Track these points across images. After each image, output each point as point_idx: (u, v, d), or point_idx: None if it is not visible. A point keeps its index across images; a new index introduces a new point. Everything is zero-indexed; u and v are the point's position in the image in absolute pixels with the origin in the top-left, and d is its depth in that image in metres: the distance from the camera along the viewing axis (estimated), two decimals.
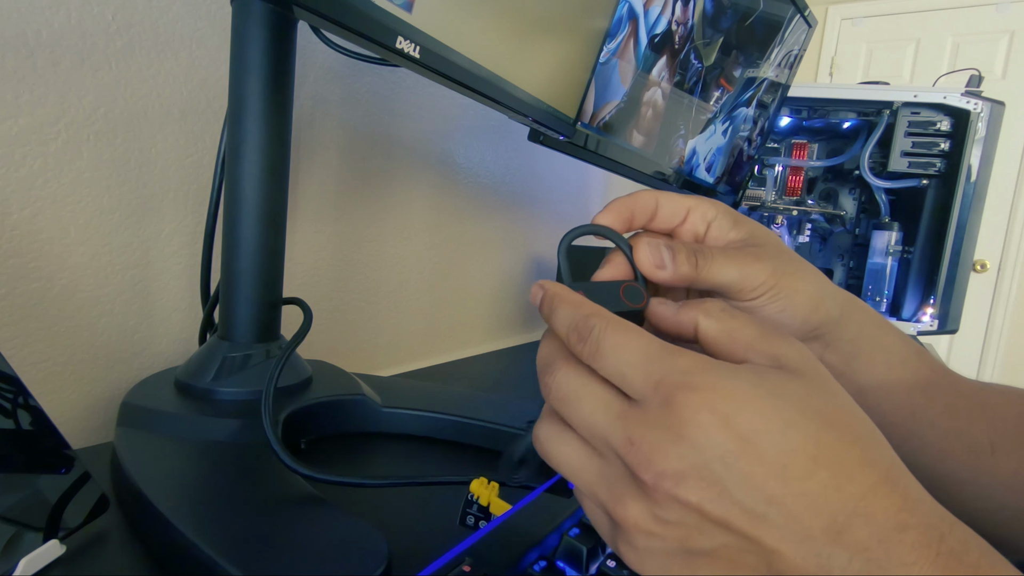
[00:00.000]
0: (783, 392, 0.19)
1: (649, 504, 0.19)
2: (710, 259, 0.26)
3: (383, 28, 0.32)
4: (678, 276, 0.26)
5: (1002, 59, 2.19)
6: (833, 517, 0.17)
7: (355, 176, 0.63)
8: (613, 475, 0.20)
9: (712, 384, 0.19)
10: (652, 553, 0.20)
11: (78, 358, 0.43)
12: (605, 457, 0.21)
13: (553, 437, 0.22)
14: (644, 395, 0.20)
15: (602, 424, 0.20)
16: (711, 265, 0.26)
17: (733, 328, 0.22)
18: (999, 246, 2.21)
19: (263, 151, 0.38)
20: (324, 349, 0.62)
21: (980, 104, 0.98)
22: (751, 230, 0.28)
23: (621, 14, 0.55)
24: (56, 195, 0.41)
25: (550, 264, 1.01)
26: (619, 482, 0.20)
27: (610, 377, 0.21)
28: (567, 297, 0.23)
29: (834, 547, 0.17)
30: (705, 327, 0.22)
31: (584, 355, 0.21)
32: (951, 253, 1.03)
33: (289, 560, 0.26)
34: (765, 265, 0.27)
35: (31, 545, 0.26)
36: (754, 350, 0.21)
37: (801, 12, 0.81)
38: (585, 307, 0.22)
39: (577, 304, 0.22)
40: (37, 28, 0.38)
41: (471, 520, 0.31)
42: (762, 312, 0.27)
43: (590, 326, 0.21)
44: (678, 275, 0.26)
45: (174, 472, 0.33)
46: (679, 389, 0.19)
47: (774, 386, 0.19)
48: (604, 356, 0.21)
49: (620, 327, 0.21)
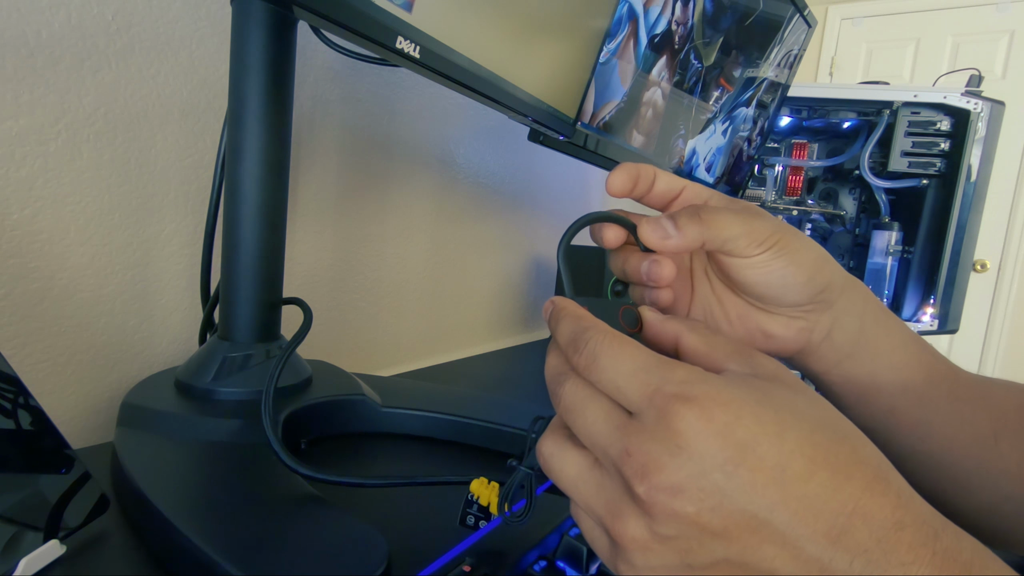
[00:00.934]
0: (772, 397, 0.19)
1: (647, 519, 0.19)
2: (714, 213, 0.26)
3: (383, 28, 0.32)
4: (687, 239, 0.26)
5: (1002, 59, 2.19)
6: (834, 519, 0.17)
7: (355, 176, 0.63)
8: (612, 489, 0.20)
9: (708, 394, 0.19)
10: (651, 571, 0.19)
11: (78, 358, 0.43)
12: (605, 471, 0.21)
13: (557, 450, 0.22)
14: (640, 407, 0.20)
15: (603, 433, 0.20)
16: (716, 219, 0.26)
17: (713, 342, 0.22)
18: (999, 246, 2.21)
19: (263, 151, 0.38)
20: (324, 349, 0.62)
21: (980, 104, 0.98)
22: (745, 204, 0.28)
23: (621, 14, 0.55)
24: (56, 195, 0.41)
25: (550, 264, 1.02)
26: (617, 496, 0.20)
27: (606, 390, 0.21)
28: (570, 310, 0.23)
29: (835, 550, 0.17)
30: (688, 340, 0.23)
31: (581, 367, 0.21)
32: (951, 253, 1.03)
33: (289, 560, 0.26)
34: (767, 222, 0.27)
35: (31, 545, 0.26)
36: (733, 360, 0.21)
37: (801, 12, 0.81)
38: (585, 320, 0.22)
39: (578, 317, 0.23)
40: (37, 28, 0.38)
41: (471, 520, 0.31)
42: (768, 269, 0.27)
43: (587, 339, 0.21)
44: (686, 238, 0.26)
45: (174, 472, 0.33)
46: (674, 400, 0.19)
47: (764, 392, 0.19)
48: (600, 368, 0.21)
49: (615, 340, 0.21)
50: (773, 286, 0.28)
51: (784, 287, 0.28)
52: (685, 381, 0.19)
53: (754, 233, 0.26)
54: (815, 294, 0.28)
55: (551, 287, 1.02)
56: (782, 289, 0.28)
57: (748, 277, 0.28)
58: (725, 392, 0.19)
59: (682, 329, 0.23)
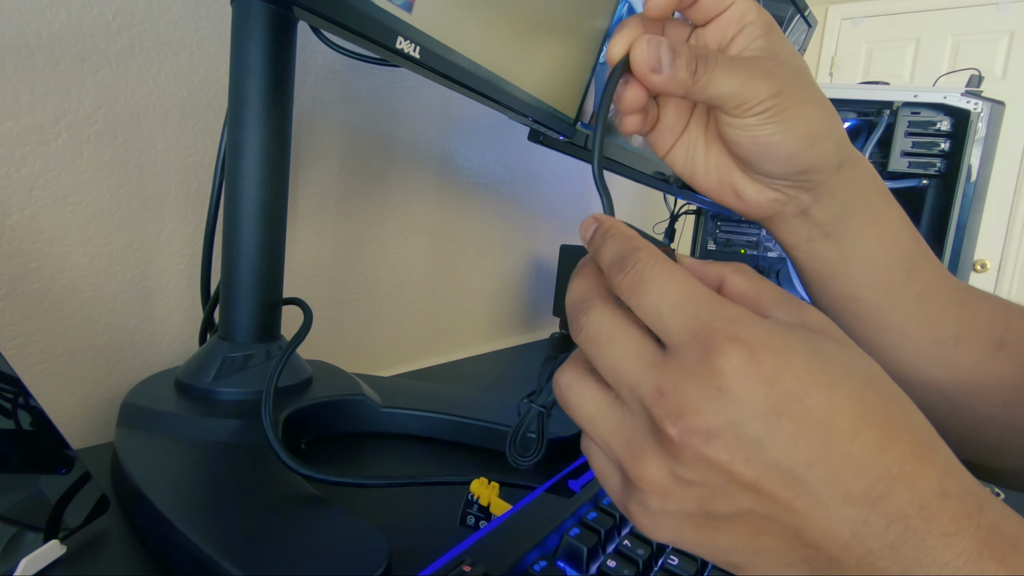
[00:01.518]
0: (823, 350, 0.18)
1: (671, 462, 0.17)
2: (712, 67, 0.24)
3: (383, 28, 0.32)
4: (674, 83, 0.24)
5: (1002, 59, 2.19)
6: (875, 481, 0.16)
7: (355, 176, 0.63)
8: (634, 427, 0.19)
9: (759, 337, 0.17)
10: (667, 515, 0.18)
11: (78, 358, 0.43)
12: (628, 407, 0.19)
13: (575, 382, 0.20)
14: (681, 341, 0.18)
15: (632, 370, 0.19)
16: (711, 75, 0.24)
17: (761, 288, 0.20)
18: (999, 246, 2.21)
19: (263, 151, 0.38)
20: (324, 349, 0.62)
21: (980, 104, 0.98)
22: (777, 45, 0.27)
23: (621, 14, 0.55)
24: (56, 195, 0.41)
25: (550, 264, 1.02)
26: (640, 436, 0.18)
27: (646, 317, 0.19)
28: (620, 229, 0.21)
29: (871, 513, 0.16)
30: (734, 281, 0.21)
31: (623, 287, 0.19)
32: (951, 253, 1.03)
33: (289, 560, 0.26)
34: (771, 83, 0.25)
35: (32, 545, 0.26)
36: (781, 309, 0.19)
37: (801, 12, 0.81)
38: (635, 240, 0.20)
39: (628, 236, 0.21)
40: (37, 28, 0.38)
41: (471, 520, 0.31)
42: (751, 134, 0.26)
43: (636, 259, 0.19)
44: (674, 81, 0.24)
45: (174, 472, 0.33)
46: (723, 338, 0.17)
47: (815, 344, 0.18)
48: (646, 292, 0.19)
49: (667, 265, 0.19)
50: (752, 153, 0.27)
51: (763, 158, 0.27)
52: (736, 321, 0.17)
53: (748, 93, 0.25)
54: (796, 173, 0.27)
55: (551, 287, 1.02)
56: (760, 159, 0.27)
57: (729, 135, 0.27)
58: (777, 337, 0.17)
59: (726, 271, 0.21)
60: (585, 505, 0.31)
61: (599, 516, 0.31)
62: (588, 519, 0.30)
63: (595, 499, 0.32)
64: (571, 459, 0.41)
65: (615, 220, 0.22)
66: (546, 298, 1.03)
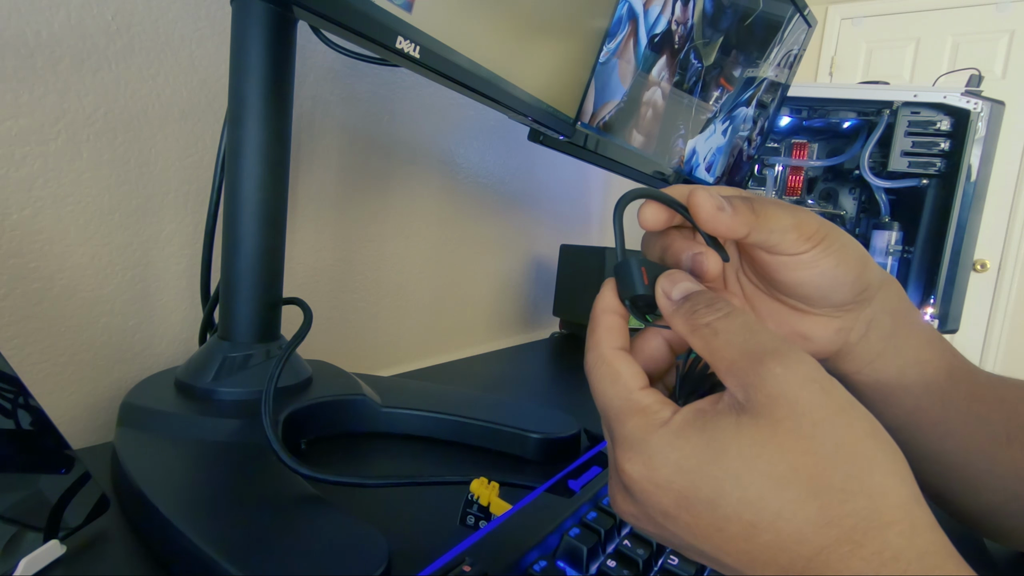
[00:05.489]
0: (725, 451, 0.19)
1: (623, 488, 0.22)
2: (766, 206, 0.25)
3: (383, 28, 0.32)
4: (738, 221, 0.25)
5: (1002, 59, 2.19)
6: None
7: (355, 176, 0.63)
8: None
9: (652, 455, 0.20)
10: (631, 516, 0.22)
11: (78, 358, 0.43)
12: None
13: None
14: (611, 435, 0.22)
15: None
16: (767, 211, 0.25)
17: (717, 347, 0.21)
18: (999, 246, 2.21)
19: (263, 151, 0.38)
20: (324, 349, 0.62)
21: (980, 104, 0.98)
22: (779, 203, 0.28)
23: (621, 14, 0.55)
24: (56, 195, 0.41)
25: (550, 264, 1.01)
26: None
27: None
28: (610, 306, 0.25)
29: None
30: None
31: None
32: (951, 253, 1.03)
33: (289, 560, 0.26)
34: (814, 217, 0.26)
35: (31, 545, 0.26)
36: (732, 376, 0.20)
37: (801, 12, 0.81)
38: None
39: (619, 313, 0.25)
40: (37, 28, 0.38)
41: (471, 520, 0.31)
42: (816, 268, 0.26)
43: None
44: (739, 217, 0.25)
45: (174, 472, 0.33)
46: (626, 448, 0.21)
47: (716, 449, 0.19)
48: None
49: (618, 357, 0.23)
50: (821, 285, 0.27)
51: (833, 286, 0.27)
52: (633, 439, 0.21)
53: (803, 227, 0.25)
54: (859, 292, 0.27)
55: (551, 287, 1.02)
56: (830, 288, 0.27)
57: (793, 277, 0.27)
58: (667, 453, 0.20)
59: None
60: (585, 505, 0.31)
61: (599, 516, 0.31)
62: (588, 519, 0.30)
63: (595, 499, 0.32)
64: (571, 459, 0.41)
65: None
66: (546, 298, 1.03)
